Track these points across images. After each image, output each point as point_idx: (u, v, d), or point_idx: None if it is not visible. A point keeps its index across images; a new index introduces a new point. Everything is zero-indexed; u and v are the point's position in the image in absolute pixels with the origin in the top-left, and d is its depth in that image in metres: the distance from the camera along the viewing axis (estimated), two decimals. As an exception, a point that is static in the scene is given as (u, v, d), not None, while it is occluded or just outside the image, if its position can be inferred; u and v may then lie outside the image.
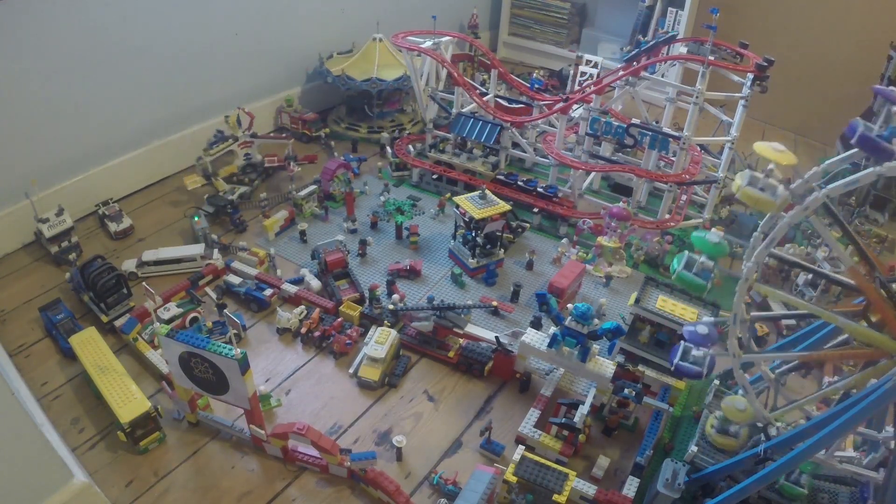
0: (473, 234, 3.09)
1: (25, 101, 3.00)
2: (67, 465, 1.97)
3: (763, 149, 1.62)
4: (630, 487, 2.14)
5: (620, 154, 3.81)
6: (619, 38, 5.08)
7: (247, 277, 3.00)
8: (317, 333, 2.73)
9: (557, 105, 3.45)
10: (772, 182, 1.61)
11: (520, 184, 3.60)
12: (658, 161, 3.51)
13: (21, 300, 2.90)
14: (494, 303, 2.93)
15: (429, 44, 3.58)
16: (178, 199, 3.61)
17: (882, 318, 1.64)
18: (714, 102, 3.29)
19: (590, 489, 2.11)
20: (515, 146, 3.79)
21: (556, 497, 2.05)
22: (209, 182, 3.55)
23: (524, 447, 2.22)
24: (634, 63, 3.32)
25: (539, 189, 3.55)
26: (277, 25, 4.02)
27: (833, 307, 1.71)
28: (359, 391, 2.58)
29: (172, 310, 2.72)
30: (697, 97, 3.13)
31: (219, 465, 2.27)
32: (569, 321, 2.35)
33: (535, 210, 3.51)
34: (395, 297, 2.89)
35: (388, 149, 4.03)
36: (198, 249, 3.07)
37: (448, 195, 3.57)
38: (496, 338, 2.60)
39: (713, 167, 3.58)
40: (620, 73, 3.31)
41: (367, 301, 2.90)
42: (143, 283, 2.73)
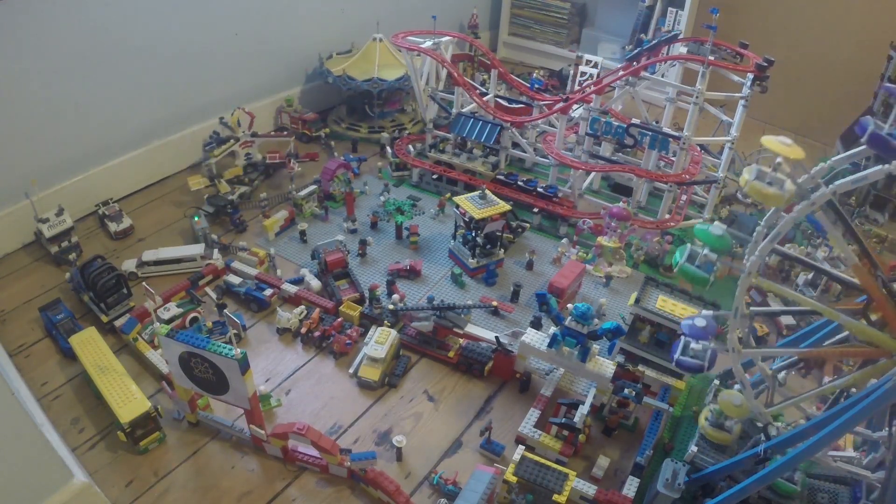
0: (473, 234, 3.09)
1: (25, 101, 3.00)
2: (67, 465, 1.97)
3: (771, 142, 1.60)
4: (630, 487, 2.14)
5: (620, 154, 3.81)
6: (619, 38, 5.08)
7: (247, 277, 3.00)
8: (317, 333, 2.73)
9: (557, 105, 3.45)
10: (779, 176, 1.59)
11: (520, 184, 3.60)
12: (658, 161, 3.51)
13: (21, 300, 2.90)
14: (494, 303, 2.93)
15: (429, 44, 3.58)
16: (178, 199, 3.61)
17: (883, 317, 1.64)
18: (714, 102, 3.29)
19: (590, 489, 2.11)
20: (515, 146, 3.79)
21: (556, 497, 2.05)
22: (213, 183, 3.54)
23: (524, 447, 2.22)
24: (635, 63, 3.32)
25: (539, 189, 3.55)
26: (277, 25, 4.02)
27: (834, 306, 1.71)
28: (359, 391, 2.58)
29: (172, 310, 2.72)
30: (697, 97, 3.13)
31: (219, 465, 2.27)
32: (569, 321, 2.35)
33: (535, 210, 3.50)
34: (395, 297, 2.89)
35: (388, 149, 4.03)
36: (198, 249, 3.07)
37: (448, 195, 3.56)
38: (496, 338, 2.60)
39: (713, 167, 3.58)
40: (620, 73, 3.31)
41: (367, 301, 2.90)
42: (143, 283, 2.74)
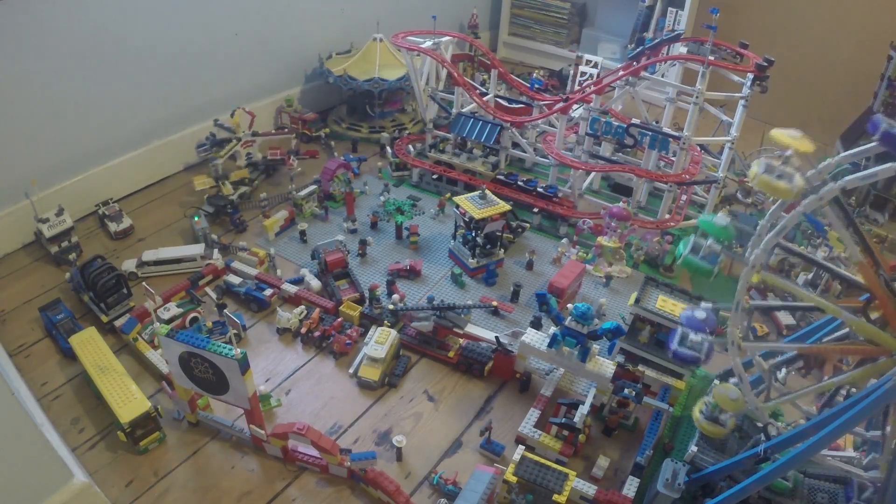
0: (473, 234, 3.09)
1: (25, 101, 3.00)
2: (67, 465, 1.97)
3: (780, 135, 1.59)
4: (630, 487, 2.14)
5: (620, 154, 3.81)
6: (619, 38, 5.08)
7: (247, 277, 3.00)
8: (317, 333, 2.73)
9: (557, 105, 3.45)
10: (788, 170, 1.57)
11: (520, 184, 3.60)
12: (658, 161, 3.51)
13: (21, 300, 2.90)
14: (494, 303, 2.93)
15: (429, 44, 3.58)
16: (178, 199, 3.61)
17: (885, 315, 1.63)
18: (714, 102, 3.29)
19: (590, 489, 2.11)
20: (515, 146, 3.79)
21: (556, 497, 2.05)
22: (218, 184, 3.53)
23: (524, 447, 2.22)
24: (635, 63, 3.32)
25: (539, 189, 3.55)
26: (277, 25, 4.02)
27: (837, 303, 1.70)
28: (359, 391, 2.58)
29: (172, 310, 2.72)
30: (697, 97, 3.13)
31: (219, 465, 2.27)
32: (569, 321, 2.35)
33: (535, 210, 3.50)
34: (395, 297, 2.89)
35: (388, 149, 4.03)
36: (198, 249, 3.07)
37: (448, 195, 3.56)
38: (496, 338, 2.60)
39: (713, 167, 3.58)
40: (620, 73, 3.31)
41: (367, 301, 2.90)
42: (143, 283, 2.74)
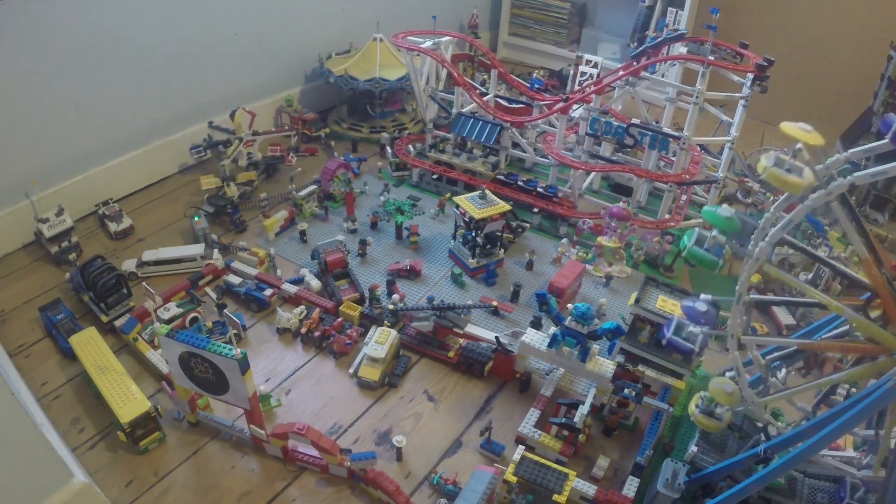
0: (473, 234, 3.09)
1: (25, 101, 3.00)
2: (67, 465, 1.97)
3: (790, 129, 1.58)
4: (630, 487, 2.14)
5: (620, 154, 3.81)
6: (619, 38, 5.08)
7: (247, 277, 3.00)
8: (317, 333, 2.73)
9: (557, 105, 3.45)
10: (798, 163, 1.56)
11: (520, 184, 3.60)
12: (658, 161, 3.51)
13: (21, 300, 2.90)
14: (494, 303, 2.93)
15: (429, 44, 3.58)
16: (179, 199, 3.61)
17: (887, 314, 1.63)
18: (714, 102, 3.29)
19: (590, 489, 2.11)
20: (515, 146, 3.79)
21: (556, 497, 2.05)
22: (224, 185, 3.51)
23: (524, 447, 2.22)
24: (635, 63, 3.32)
25: (539, 189, 3.55)
26: (277, 25, 4.02)
27: (840, 300, 1.69)
28: (359, 391, 2.58)
29: (172, 310, 2.72)
30: (697, 97, 3.13)
31: (219, 465, 2.27)
32: (569, 321, 2.35)
33: (535, 210, 3.50)
34: (395, 297, 2.89)
35: (388, 149, 4.03)
36: (198, 249, 3.07)
37: (448, 195, 3.56)
38: (496, 338, 2.60)
39: (713, 167, 3.58)
40: (620, 73, 3.31)
41: (367, 301, 2.90)
42: (143, 283, 2.74)
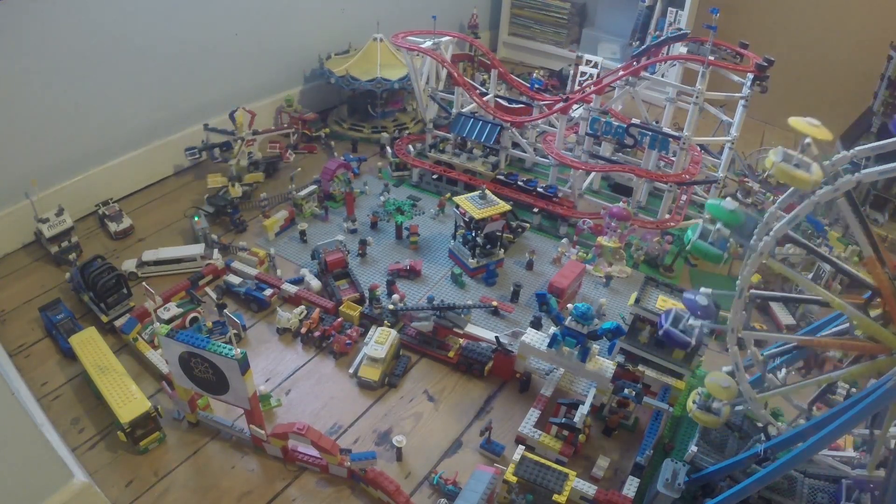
0: (473, 234, 3.09)
1: (25, 101, 3.00)
2: (67, 465, 1.97)
3: (798, 123, 1.57)
4: (630, 487, 2.14)
5: (620, 154, 3.81)
6: (619, 38, 5.09)
7: (247, 277, 3.00)
8: (317, 333, 2.73)
9: (557, 105, 3.45)
10: (806, 159, 1.55)
11: (520, 184, 3.60)
12: (658, 161, 3.51)
13: (21, 300, 2.90)
14: (494, 303, 2.93)
15: (429, 44, 3.58)
16: (178, 199, 3.61)
17: (890, 313, 1.63)
18: (714, 102, 3.29)
19: (590, 489, 2.11)
20: (515, 146, 3.79)
21: (556, 497, 2.05)
22: (231, 184, 3.51)
23: (524, 447, 2.22)
24: (635, 63, 3.32)
25: (539, 189, 3.55)
26: (277, 25, 4.02)
27: (843, 298, 1.69)
28: (359, 391, 2.58)
29: (172, 310, 2.72)
30: (697, 97, 3.13)
31: (219, 465, 2.27)
32: (569, 321, 2.35)
33: (535, 210, 3.50)
34: (395, 297, 2.89)
35: (388, 149, 4.03)
36: (198, 249, 3.07)
37: (448, 195, 3.56)
38: (496, 338, 2.60)
39: (713, 167, 3.58)
40: (620, 73, 3.31)
41: (367, 301, 2.90)
42: (143, 283, 2.74)
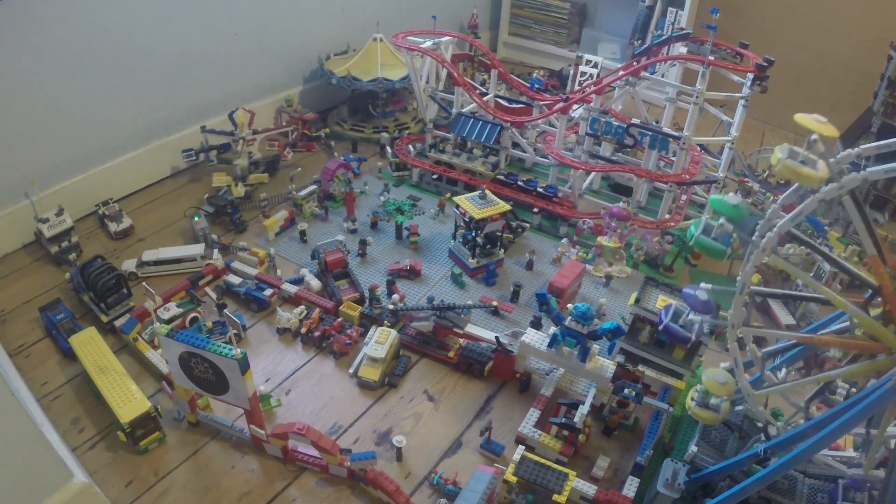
0: (473, 234, 3.09)
1: (25, 101, 3.00)
2: (67, 465, 1.97)
3: (804, 120, 1.57)
4: (630, 487, 2.14)
5: (620, 154, 3.81)
6: (620, 38, 5.09)
7: (247, 277, 3.00)
8: (317, 333, 2.73)
9: (557, 105, 3.45)
10: (812, 156, 1.55)
11: (520, 184, 3.60)
12: (658, 161, 3.51)
13: (21, 300, 2.90)
14: (494, 303, 2.93)
15: (429, 44, 3.58)
16: (178, 199, 3.61)
17: (890, 312, 1.63)
18: (714, 102, 3.29)
19: (590, 489, 2.11)
20: (515, 146, 3.79)
21: (556, 497, 2.05)
22: (236, 184, 3.52)
23: (524, 447, 2.22)
24: (635, 63, 3.32)
25: (539, 189, 3.55)
26: (277, 25, 4.02)
27: (846, 296, 1.69)
28: (359, 391, 2.58)
29: (172, 310, 2.72)
30: (697, 97, 3.13)
31: (219, 465, 2.27)
32: (569, 321, 2.35)
33: (535, 210, 3.50)
34: (395, 297, 2.89)
35: (388, 149, 4.03)
36: (198, 249, 3.07)
37: (448, 195, 3.56)
38: (496, 338, 2.60)
39: (713, 167, 3.58)
40: (620, 73, 3.31)
41: (367, 301, 2.90)
42: (143, 283, 2.74)
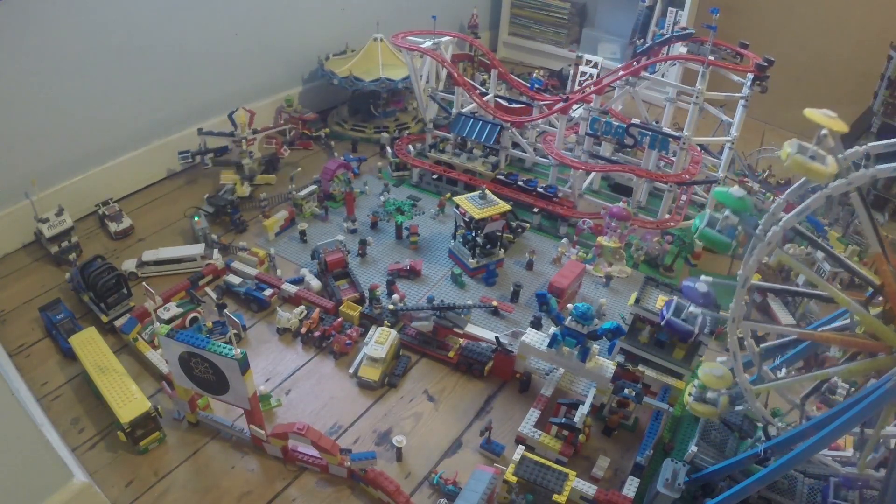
0: (473, 234, 3.09)
1: (25, 101, 3.00)
2: (67, 465, 1.97)
3: (814, 115, 1.57)
4: (630, 487, 2.14)
5: (620, 154, 3.81)
6: (620, 38, 5.09)
7: (247, 277, 3.00)
8: (317, 333, 2.73)
9: (557, 105, 3.45)
10: (821, 151, 1.54)
11: (520, 184, 3.60)
12: (658, 161, 3.51)
13: (21, 300, 2.90)
14: (494, 303, 2.93)
15: (429, 44, 3.58)
16: (179, 199, 3.61)
17: (891, 311, 1.63)
18: (714, 102, 3.29)
19: (590, 489, 2.11)
20: (515, 146, 3.79)
21: (556, 497, 2.05)
22: (241, 182, 3.53)
23: (524, 447, 2.22)
24: (635, 63, 3.32)
25: (539, 189, 3.55)
26: (277, 25, 4.02)
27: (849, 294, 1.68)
28: (359, 391, 2.58)
29: (172, 310, 2.72)
30: (697, 97, 3.13)
31: (219, 465, 2.27)
32: (569, 321, 2.35)
33: (535, 210, 3.50)
34: (395, 297, 2.89)
35: (388, 149, 4.03)
36: (198, 249, 3.07)
37: (448, 195, 3.56)
38: (496, 338, 2.60)
39: (713, 167, 3.58)
40: (620, 73, 3.31)
41: (367, 301, 2.90)
42: (143, 283, 2.74)
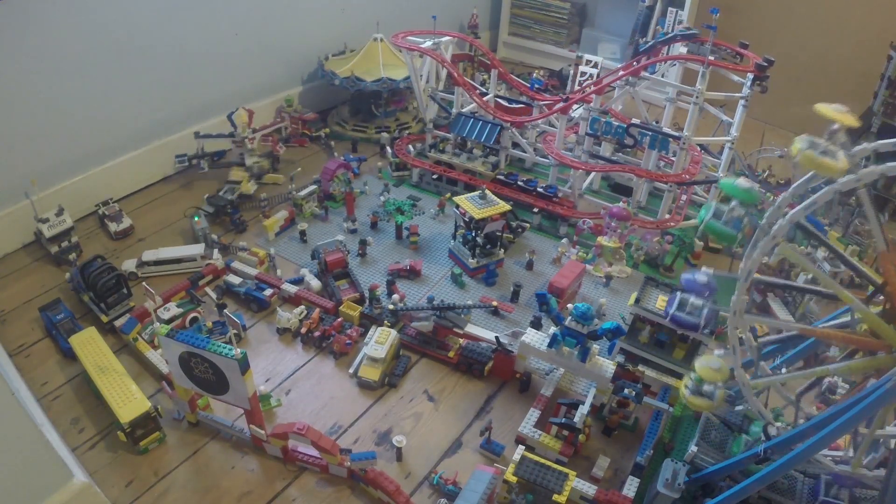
0: (473, 234, 3.09)
1: (25, 101, 3.00)
2: (67, 465, 1.97)
3: (825, 110, 1.57)
4: (630, 487, 2.14)
5: (620, 154, 3.81)
6: (620, 38, 5.09)
7: (247, 277, 3.00)
8: (317, 333, 2.73)
9: (557, 105, 3.45)
10: (832, 147, 1.53)
11: (520, 184, 3.60)
12: (658, 161, 3.51)
13: (21, 300, 2.90)
14: (494, 303, 2.93)
15: (429, 44, 3.58)
16: (179, 199, 3.61)
17: (893, 309, 1.63)
18: (714, 102, 3.29)
19: (590, 489, 2.11)
20: (515, 146, 3.79)
21: (556, 497, 2.05)
22: (248, 180, 3.54)
23: (524, 447, 2.22)
24: (635, 63, 3.32)
25: (539, 189, 3.55)
26: (277, 25, 4.02)
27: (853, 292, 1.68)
28: (359, 391, 2.58)
29: (172, 310, 2.72)
30: (697, 97, 3.13)
31: (219, 465, 2.27)
32: (569, 321, 2.35)
33: (535, 210, 3.50)
34: (395, 297, 2.89)
35: (388, 149, 4.03)
36: (198, 249, 3.07)
37: (448, 195, 3.56)
38: (496, 338, 2.60)
39: (713, 167, 3.58)
40: (620, 73, 3.31)
41: (367, 301, 2.90)
42: (143, 283, 2.74)
